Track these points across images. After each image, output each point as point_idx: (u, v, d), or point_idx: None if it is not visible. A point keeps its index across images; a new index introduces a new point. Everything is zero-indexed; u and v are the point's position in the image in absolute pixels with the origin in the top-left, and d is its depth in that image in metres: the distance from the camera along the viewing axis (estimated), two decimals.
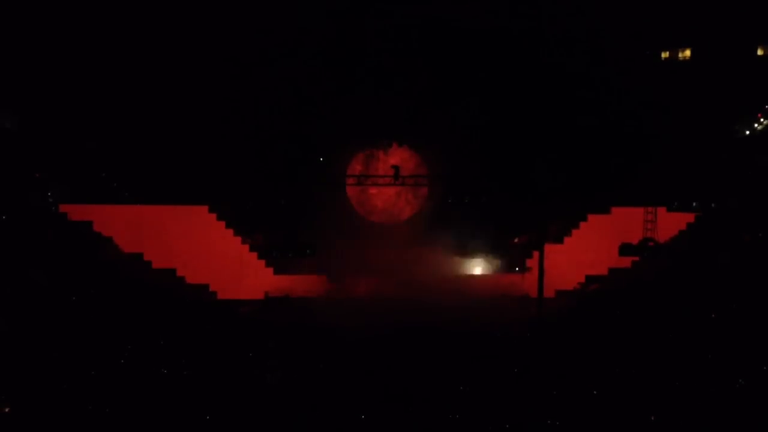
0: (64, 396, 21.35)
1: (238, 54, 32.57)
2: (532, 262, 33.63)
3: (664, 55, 35.64)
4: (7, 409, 20.37)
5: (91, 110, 31.71)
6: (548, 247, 32.36)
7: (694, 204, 34.28)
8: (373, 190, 35.34)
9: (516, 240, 35.73)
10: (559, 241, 34.58)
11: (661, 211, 33.29)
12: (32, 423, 19.77)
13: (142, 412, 20.83)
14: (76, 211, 31.77)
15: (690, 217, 34.07)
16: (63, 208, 31.77)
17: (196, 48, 32.05)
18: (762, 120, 34.56)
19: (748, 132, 34.72)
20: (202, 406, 21.43)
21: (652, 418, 20.77)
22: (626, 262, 33.64)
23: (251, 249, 33.86)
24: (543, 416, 20.97)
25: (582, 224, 34.78)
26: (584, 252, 34.30)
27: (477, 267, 35.02)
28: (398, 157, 35.03)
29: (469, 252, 33.98)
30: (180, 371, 24.02)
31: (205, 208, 33.17)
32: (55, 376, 22.23)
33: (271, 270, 33.85)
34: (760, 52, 35.08)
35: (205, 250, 33.09)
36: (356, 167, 35.26)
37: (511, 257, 35.34)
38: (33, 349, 23.33)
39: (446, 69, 33.35)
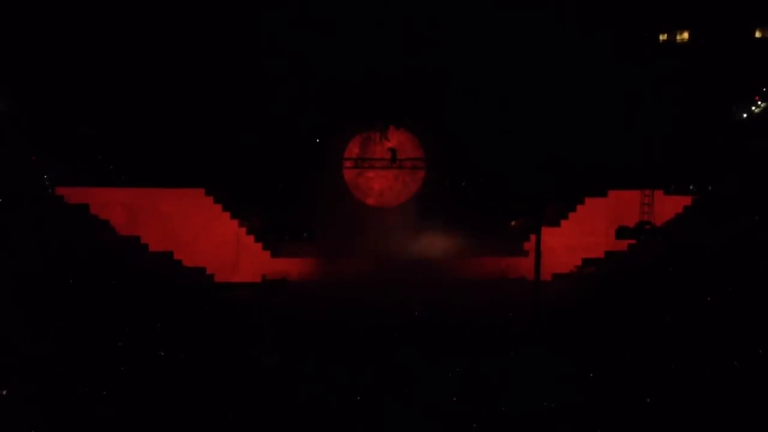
0: (61, 378, 21.38)
1: (234, 37, 32.40)
2: (529, 245, 33.63)
3: (663, 37, 35.50)
4: (4, 392, 20.41)
5: (88, 93, 31.57)
6: (545, 230, 32.38)
7: (691, 187, 34.28)
8: (370, 173, 35.28)
9: (513, 223, 35.73)
10: (556, 224, 34.57)
11: (658, 194, 33.39)
12: (29, 405, 19.82)
13: (139, 394, 20.90)
14: (72, 194, 31.75)
15: (687, 200, 34.12)
16: (59, 190, 31.74)
17: (191, 31, 31.88)
18: (759, 103, 34.50)
19: (745, 115, 34.66)
20: (199, 389, 21.49)
21: (648, 400, 20.86)
22: (623, 245, 33.77)
23: (248, 232, 33.82)
24: (539, 398, 21.05)
25: (579, 207, 34.76)
26: (581, 235, 34.34)
27: (474, 250, 34.93)
28: (396, 140, 34.96)
29: (466, 235, 33.93)
30: (177, 354, 24.07)
31: (202, 191, 33.13)
32: (51, 358, 22.24)
33: (268, 253, 33.81)
34: (758, 34, 34.94)
35: (202, 234, 33.09)
36: (353, 150, 35.18)
37: (508, 240, 35.32)
38: (29, 332, 23.32)
39: (444, 52, 33.20)
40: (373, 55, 32.87)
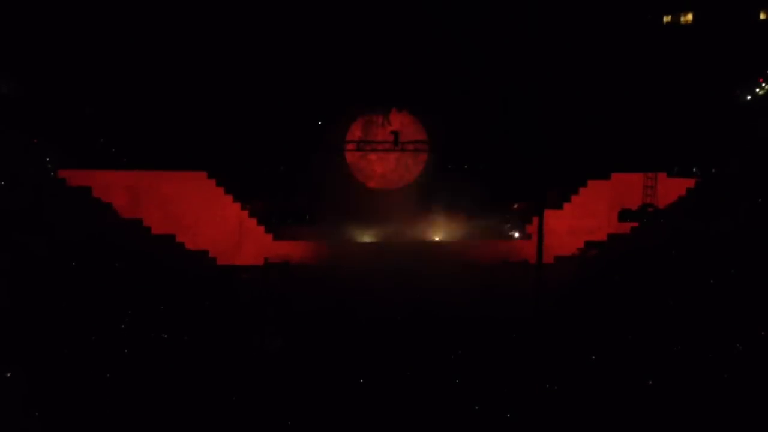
0: (65, 361, 21.46)
1: (235, 19, 32.26)
2: (532, 228, 33.60)
3: (666, 18, 35.32)
4: (8, 374, 20.48)
5: (90, 76, 31.50)
6: (548, 213, 32.30)
7: (694, 169, 34.20)
8: (372, 156, 35.22)
9: (515, 206, 35.69)
10: (559, 207, 34.50)
11: (661, 176, 33.34)
12: (33, 387, 19.90)
13: (142, 377, 20.97)
14: (75, 177, 31.69)
15: (690, 183, 34.04)
16: (62, 173, 31.69)
17: (192, 13, 31.75)
18: (763, 85, 34.38)
19: (749, 97, 34.53)
20: (202, 372, 21.57)
21: (650, 383, 20.92)
22: (625, 227, 33.74)
23: (251, 215, 33.78)
24: (541, 381, 21.12)
25: (582, 190, 34.67)
26: (584, 218, 34.29)
27: (476, 233, 34.94)
28: (398, 122, 34.87)
29: (468, 218, 33.93)
30: (180, 337, 24.15)
31: (204, 173, 33.03)
32: (55, 341, 22.32)
33: (270, 236, 33.79)
34: (762, 16, 34.77)
35: (205, 216, 33.05)
36: (356, 133, 35.11)
37: (510, 223, 35.32)
38: (33, 315, 23.39)
39: (446, 33, 33.04)
40: (376, 37, 32.70)
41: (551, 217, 32.97)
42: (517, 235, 35.03)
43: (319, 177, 33.47)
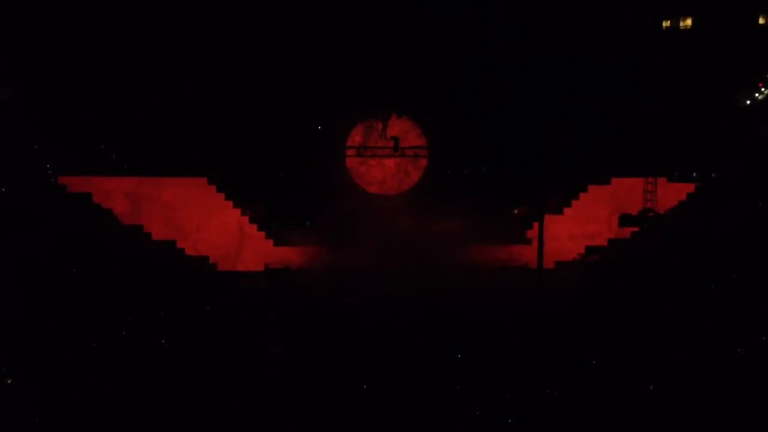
0: (66, 367, 21.46)
1: (235, 24, 32.28)
2: (532, 233, 33.57)
3: (665, 23, 35.32)
4: (8, 381, 20.48)
5: (90, 82, 31.51)
6: (548, 218, 32.30)
7: (694, 174, 34.15)
8: (372, 162, 35.21)
9: (516, 211, 35.62)
10: (559, 212, 34.46)
11: (662, 181, 33.32)
12: (33, 394, 19.90)
13: (142, 383, 20.97)
14: (75, 183, 31.70)
15: (690, 188, 33.96)
16: (62, 179, 31.68)
17: (192, 18, 31.78)
18: (763, 89, 34.34)
19: (748, 101, 34.52)
20: (204, 377, 21.56)
21: (651, 387, 20.92)
22: (626, 232, 33.70)
23: (251, 221, 33.76)
24: (543, 386, 21.11)
25: (582, 195, 34.58)
26: (584, 223, 34.26)
27: (477, 237, 34.85)
28: (398, 128, 34.85)
29: (468, 223, 33.86)
30: (181, 343, 24.14)
31: (204, 179, 33.03)
32: (56, 347, 22.32)
33: (271, 242, 33.77)
34: (761, 20, 34.76)
35: (205, 222, 33.05)
36: (356, 138, 35.11)
37: (511, 228, 35.24)
38: (34, 321, 23.40)
39: (444, 37, 33.06)
40: (375, 42, 32.71)
41: (552, 222, 32.97)
42: None
43: (320, 182, 33.44)
